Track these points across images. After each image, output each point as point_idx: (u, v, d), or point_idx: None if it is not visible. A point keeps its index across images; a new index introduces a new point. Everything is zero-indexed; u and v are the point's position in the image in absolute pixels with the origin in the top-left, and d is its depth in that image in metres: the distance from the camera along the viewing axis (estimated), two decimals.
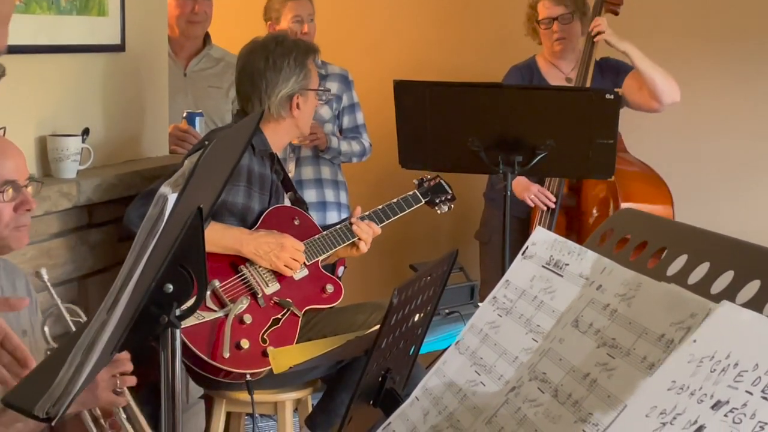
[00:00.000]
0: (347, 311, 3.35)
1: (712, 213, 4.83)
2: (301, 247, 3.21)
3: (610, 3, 4.15)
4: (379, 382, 1.88)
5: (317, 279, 3.27)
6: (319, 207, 4.31)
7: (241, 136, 1.79)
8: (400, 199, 3.50)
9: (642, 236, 1.23)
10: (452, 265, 1.91)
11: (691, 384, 0.95)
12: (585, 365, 1.12)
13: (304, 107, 3.34)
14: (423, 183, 3.62)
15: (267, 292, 3.16)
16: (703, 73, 4.90)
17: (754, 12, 4.83)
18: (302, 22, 4.33)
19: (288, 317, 3.16)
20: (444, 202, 3.64)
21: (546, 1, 4.25)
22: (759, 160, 4.89)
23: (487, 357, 1.31)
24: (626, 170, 4.02)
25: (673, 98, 4.11)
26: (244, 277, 3.15)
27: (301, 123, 3.37)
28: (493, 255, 4.08)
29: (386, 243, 4.69)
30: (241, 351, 3.03)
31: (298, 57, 3.30)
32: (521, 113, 3.41)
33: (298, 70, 3.30)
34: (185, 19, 4.18)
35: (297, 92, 3.30)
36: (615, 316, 1.13)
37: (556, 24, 4.23)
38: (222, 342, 3.00)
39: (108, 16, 3.33)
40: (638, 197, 4.04)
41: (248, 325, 3.08)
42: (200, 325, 3.00)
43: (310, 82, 3.34)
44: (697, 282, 1.09)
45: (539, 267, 1.34)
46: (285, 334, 3.12)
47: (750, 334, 0.93)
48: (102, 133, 3.36)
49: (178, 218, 1.53)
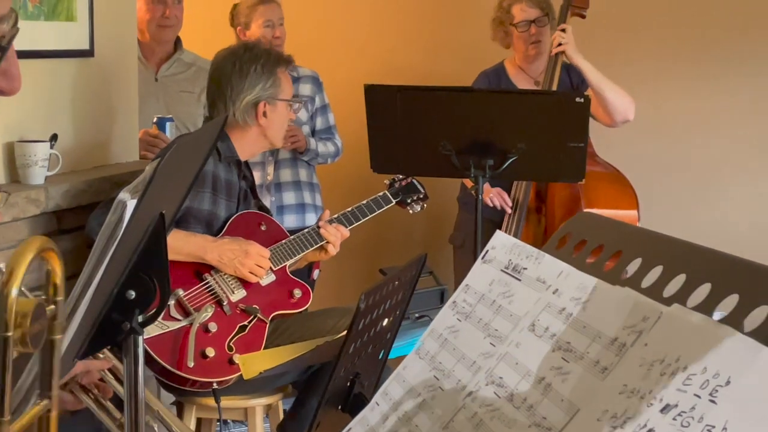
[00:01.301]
0: (316, 316, 3.34)
1: (680, 216, 4.87)
2: (267, 253, 3.19)
3: (576, 7, 4.16)
4: (348, 387, 1.88)
5: (285, 284, 3.26)
6: (298, 209, 4.31)
7: (203, 142, 1.78)
8: (370, 201, 3.49)
9: (598, 240, 1.23)
10: (421, 269, 1.91)
11: (642, 387, 0.95)
12: (540, 369, 1.12)
13: (273, 116, 3.31)
14: (394, 183, 3.62)
15: (233, 299, 3.14)
16: (673, 76, 4.93)
17: (726, 17, 4.86)
18: (273, 26, 4.33)
19: (255, 324, 3.14)
20: (416, 201, 3.63)
21: (522, 4, 4.25)
22: (727, 164, 4.93)
23: (446, 362, 1.31)
24: (592, 174, 4.02)
25: (625, 117, 4.13)
26: (208, 285, 3.13)
27: (270, 133, 3.34)
28: (467, 258, 4.08)
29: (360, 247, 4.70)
30: (206, 359, 3.01)
31: (266, 65, 3.28)
32: (492, 117, 3.41)
33: (266, 78, 3.27)
34: (156, 24, 4.16)
35: (264, 100, 3.28)
36: (570, 320, 1.13)
37: (534, 27, 4.24)
38: (186, 351, 2.98)
39: (76, 21, 3.31)
40: (602, 202, 4.05)
41: (213, 333, 3.06)
42: (164, 335, 2.98)
43: (279, 92, 3.32)
44: (651, 285, 1.09)
45: (498, 271, 1.34)
46: (252, 341, 3.11)
47: (699, 337, 0.93)
48: (71, 138, 3.34)
49: (139, 224, 1.52)
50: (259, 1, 4.35)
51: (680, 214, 4.88)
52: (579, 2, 4.14)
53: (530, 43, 4.26)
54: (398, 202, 3.58)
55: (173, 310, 3.03)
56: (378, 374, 1.95)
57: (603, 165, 4.16)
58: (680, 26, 4.93)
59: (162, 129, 3.78)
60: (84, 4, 3.32)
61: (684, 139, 4.95)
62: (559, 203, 4.11)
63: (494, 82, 4.35)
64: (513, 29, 4.28)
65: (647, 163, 4.81)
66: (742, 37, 4.86)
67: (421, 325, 3.08)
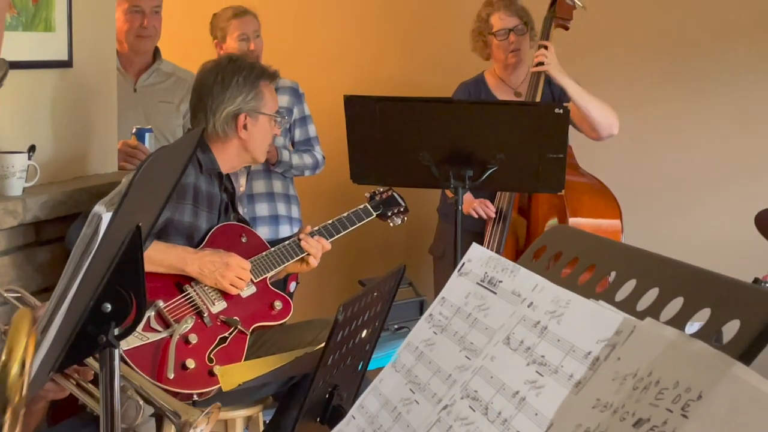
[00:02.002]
0: (296, 328, 3.34)
1: (660, 226, 4.89)
2: (247, 265, 3.18)
3: (560, 18, 4.18)
4: (326, 399, 1.88)
5: (265, 296, 3.25)
6: (271, 221, 4.30)
7: (181, 154, 1.78)
8: (351, 213, 3.49)
9: (573, 253, 1.23)
10: (400, 281, 1.91)
11: (615, 402, 0.95)
12: (515, 383, 1.12)
13: (254, 130, 3.30)
14: (375, 196, 3.62)
15: (213, 310, 3.13)
16: (653, 87, 4.96)
17: (703, 28, 4.90)
18: (248, 39, 4.32)
19: (235, 335, 3.14)
20: (397, 214, 3.64)
21: (500, 13, 4.27)
22: (707, 174, 4.96)
23: (422, 375, 1.31)
24: (575, 184, 4.04)
25: (610, 131, 4.16)
26: (189, 296, 3.12)
27: (252, 146, 3.33)
28: (447, 269, 4.05)
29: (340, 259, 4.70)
30: (186, 371, 3.00)
31: (249, 77, 3.28)
32: (471, 128, 3.42)
33: (247, 90, 3.27)
34: (134, 34, 4.15)
35: (245, 112, 3.28)
36: (544, 334, 1.13)
37: (512, 35, 4.26)
38: (167, 363, 2.97)
39: (55, 32, 3.30)
40: (587, 212, 4.07)
41: (194, 344, 3.05)
42: (144, 346, 2.97)
43: (261, 105, 3.30)
44: (625, 299, 1.09)
45: (474, 284, 1.34)
46: (232, 353, 3.10)
47: (672, 351, 0.93)
48: (49, 149, 3.32)
49: (115, 237, 1.52)
50: (233, 14, 4.34)
51: (658, 225, 4.90)
52: (563, 14, 4.17)
53: (509, 52, 4.28)
54: (379, 215, 3.59)
55: (153, 322, 3.02)
56: (357, 386, 1.95)
57: (587, 176, 4.18)
58: (656, 39, 4.96)
59: (141, 140, 3.77)
60: (62, 14, 3.31)
61: (661, 151, 4.98)
62: (543, 214, 4.12)
63: (475, 94, 4.36)
64: (492, 38, 4.30)
65: (625, 174, 4.83)
66: (717, 49, 4.90)
67: (401, 336, 3.08)
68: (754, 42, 4.88)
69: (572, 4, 4.15)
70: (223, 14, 4.38)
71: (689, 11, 4.91)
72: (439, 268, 4.50)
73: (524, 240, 4.17)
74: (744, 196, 4.73)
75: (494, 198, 4.15)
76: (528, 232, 4.17)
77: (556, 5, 4.18)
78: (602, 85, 4.30)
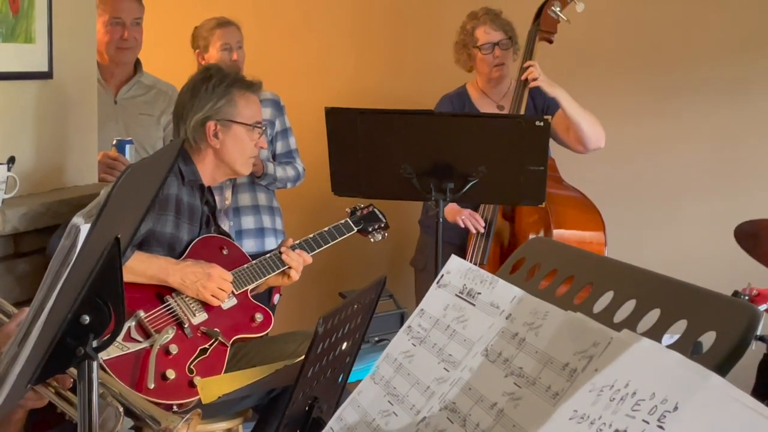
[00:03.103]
0: (277, 341, 3.33)
1: (642, 239, 4.91)
2: (229, 277, 3.17)
3: (544, 31, 4.19)
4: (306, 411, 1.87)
5: (246, 308, 3.24)
6: (257, 234, 4.29)
7: (160, 165, 1.77)
8: (332, 228, 3.49)
9: (551, 265, 1.24)
10: (380, 293, 1.91)
11: (592, 413, 0.95)
12: (493, 395, 1.12)
13: (226, 139, 3.26)
14: (356, 211, 3.62)
15: (194, 321, 3.12)
16: (635, 101, 4.99)
17: (684, 44, 4.93)
18: (231, 49, 4.31)
19: (216, 347, 3.12)
20: (377, 230, 3.64)
21: (486, 27, 4.28)
22: (688, 187, 4.98)
23: (401, 387, 1.31)
24: (559, 198, 4.05)
25: (598, 144, 4.18)
26: (170, 307, 3.11)
27: (227, 158, 3.29)
28: (429, 281, 4.01)
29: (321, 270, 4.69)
30: (167, 382, 2.99)
31: (220, 84, 3.23)
32: (453, 140, 3.42)
33: (216, 97, 3.23)
34: (114, 46, 4.14)
35: (214, 119, 3.24)
36: (523, 346, 1.13)
37: (498, 49, 4.27)
38: (147, 373, 2.96)
39: (35, 43, 3.29)
40: (570, 224, 4.07)
41: (174, 355, 3.04)
42: (125, 356, 2.96)
43: (234, 113, 3.26)
44: (602, 311, 1.09)
45: (453, 296, 1.34)
46: (212, 364, 3.09)
47: (648, 363, 0.93)
48: (29, 161, 3.31)
49: (93, 248, 1.51)
50: (217, 24, 4.34)
51: (639, 238, 4.92)
52: (547, 27, 4.18)
53: (494, 66, 4.29)
54: (360, 230, 3.59)
55: (134, 332, 3.00)
56: (337, 398, 1.94)
57: (570, 189, 4.19)
58: (639, 54, 4.99)
59: (122, 151, 3.75)
60: (43, 26, 3.30)
61: (642, 165, 5.00)
62: (527, 226, 4.12)
63: (458, 106, 4.36)
64: (476, 52, 4.30)
65: (607, 187, 4.85)
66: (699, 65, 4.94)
67: (381, 348, 3.04)
68: (734, 59, 4.91)
69: (556, 17, 4.17)
70: (206, 24, 4.38)
71: (672, 27, 4.94)
72: (421, 280, 4.50)
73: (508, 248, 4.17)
74: (724, 209, 4.76)
75: (477, 210, 4.15)
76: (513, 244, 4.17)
77: (540, 18, 4.20)
78: (585, 98, 4.31)
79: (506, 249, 4.20)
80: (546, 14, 4.19)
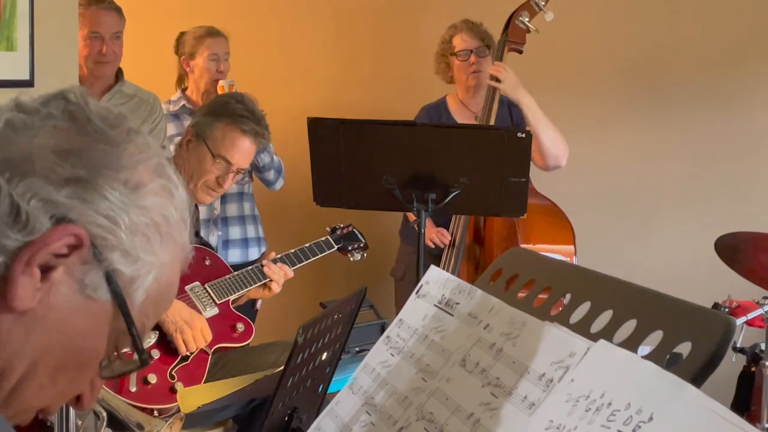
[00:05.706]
0: (258, 351, 3.33)
1: (622, 252, 4.93)
2: (209, 336, 3.17)
3: (513, 42, 4.19)
4: (286, 421, 1.87)
5: (228, 318, 3.25)
6: (242, 244, 4.29)
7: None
8: (313, 244, 3.54)
9: (529, 275, 1.24)
10: (361, 303, 1.90)
11: (567, 423, 0.95)
12: (470, 405, 1.12)
13: (191, 151, 3.36)
14: (336, 230, 3.66)
15: None
16: (612, 112, 5.01)
17: (661, 55, 4.96)
18: (218, 60, 4.31)
19: (197, 354, 3.14)
20: (357, 250, 3.71)
21: (463, 34, 4.30)
22: (668, 200, 5.01)
23: (379, 397, 1.30)
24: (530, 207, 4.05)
25: (557, 163, 4.18)
26: None
27: (187, 167, 3.33)
28: (408, 291, 4.02)
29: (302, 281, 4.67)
30: (148, 386, 3.00)
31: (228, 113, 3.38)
32: (435, 151, 3.42)
33: (218, 115, 3.36)
34: (93, 60, 4.08)
35: (196, 129, 3.37)
36: (500, 356, 1.13)
37: (473, 56, 4.28)
38: (129, 376, 2.95)
39: (17, 51, 3.27)
40: (538, 236, 4.08)
41: (156, 360, 3.05)
42: None
43: (210, 135, 3.34)
44: (579, 321, 1.10)
45: (432, 306, 1.34)
46: (194, 371, 3.10)
47: (624, 373, 0.94)
48: None
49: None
50: (207, 33, 4.33)
51: (619, 250, 4.94)
52: (515, 37, 4.18)
53: (470, 73, 4.29)
54: (339, 249, 3.65)
55: None
56: (317, 408, 1.94)
57: (540, 197, 4.19)
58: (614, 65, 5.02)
59: None
60: (25, 33, 3.28)
61: (622, 176, 5.02)
62: (497, 239, 4.13)
63: (435, 116, 4.37)
64: (454, 59, 4.32)
65: (586, 199, 4.86)
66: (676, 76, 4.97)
67: (361, 359, 3.05)
68: (715, 73, 4.94)
69: (525, 28, 4.16)
70: (194, 32, 4.36)
71: (654, 41, 4.97)
72: (400, 290, 4.50)
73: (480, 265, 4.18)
74: (705, 222, 4.78)
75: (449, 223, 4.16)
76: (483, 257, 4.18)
77: (509, 29, 4.20)
78: (560, 109, 4.33)
79: (476, 262, 4.21)
80: (514, 24, 4.18)
